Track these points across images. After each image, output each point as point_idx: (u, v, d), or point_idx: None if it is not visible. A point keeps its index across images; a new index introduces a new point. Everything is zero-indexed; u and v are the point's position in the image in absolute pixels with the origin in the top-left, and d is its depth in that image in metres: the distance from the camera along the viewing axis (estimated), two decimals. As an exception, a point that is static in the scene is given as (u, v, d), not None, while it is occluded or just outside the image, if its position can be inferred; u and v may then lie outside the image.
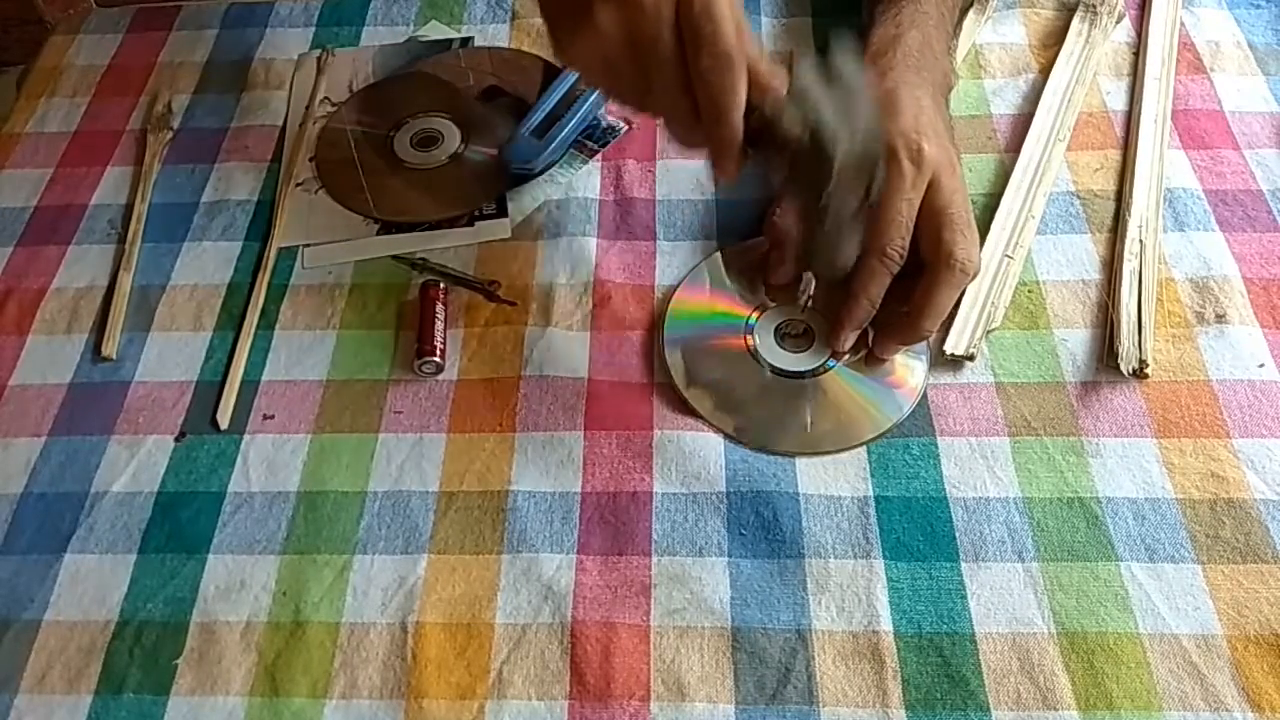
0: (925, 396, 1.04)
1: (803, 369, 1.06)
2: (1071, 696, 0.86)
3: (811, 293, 1.06)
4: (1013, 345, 1.06)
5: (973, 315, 1.07)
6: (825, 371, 1.05)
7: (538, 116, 1.26)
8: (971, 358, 1.05)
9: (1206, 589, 0.90)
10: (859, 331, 1.04)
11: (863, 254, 0.98)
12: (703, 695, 0.87)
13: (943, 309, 0.99)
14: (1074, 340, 1.06)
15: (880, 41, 1.10)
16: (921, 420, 1.02)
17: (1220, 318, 1.06)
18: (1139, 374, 1.01)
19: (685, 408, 1.03)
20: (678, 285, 1.13)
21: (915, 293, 0.99)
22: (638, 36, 0.91)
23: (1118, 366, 1.02)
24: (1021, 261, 1.12)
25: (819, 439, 1.02)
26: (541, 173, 1.25)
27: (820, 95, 0.89)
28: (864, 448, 1.01)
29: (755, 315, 1.09)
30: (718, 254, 1.15)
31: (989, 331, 1.06)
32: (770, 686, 0.87)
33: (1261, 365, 1.03)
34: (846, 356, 1.06)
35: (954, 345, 1.05)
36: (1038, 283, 1.11)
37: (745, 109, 0.92)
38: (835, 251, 0.99)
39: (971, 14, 1.37)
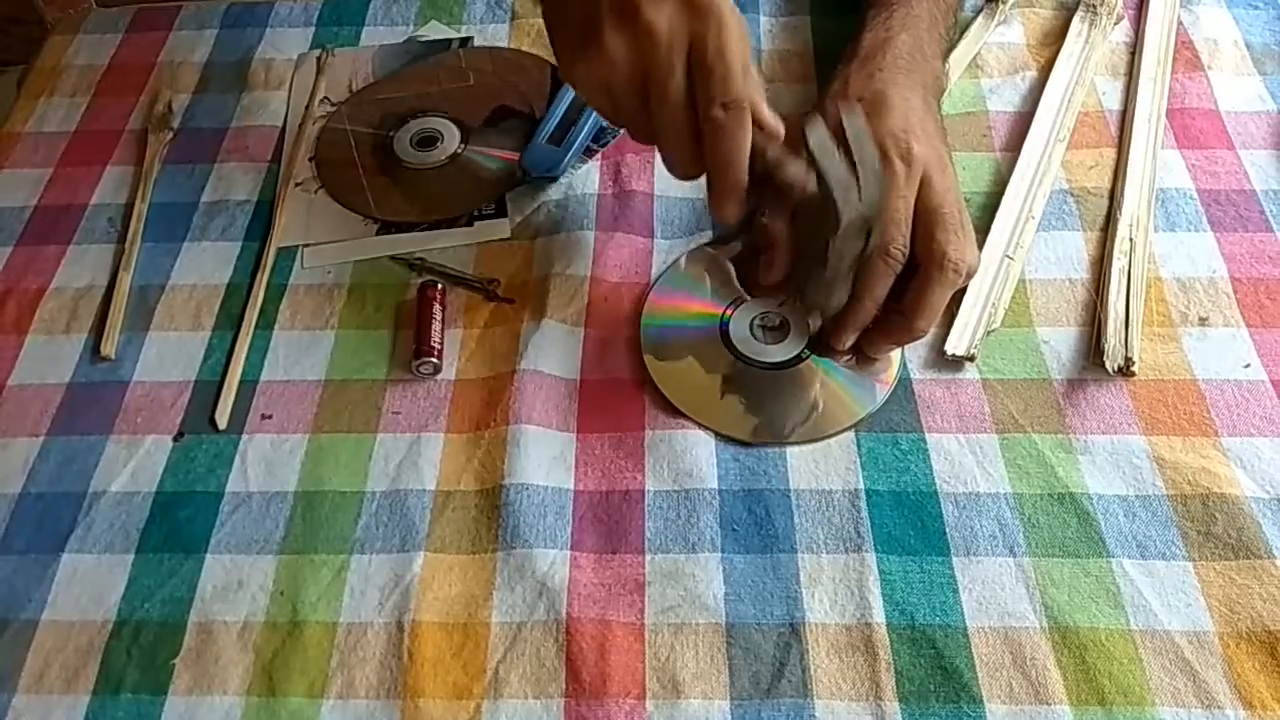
0: (912, 391, 1.04)
1: (779, 360, 1.07)
2: (1064, 691, 0.86)
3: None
4: (998, 343, 1.07)
5: (973, 316, 1.07)
6: (802, 361, 1.06)
7: (551, 123, 1.26)
8: (972, 358, 1.05)
9: (1198, 586, 0.91)
10: (859, 331, 1.03)
11: (863, 256, 0.98)
12: (698, 692, 0.88)
13: (936, 309, 0.99)
14: (1060, 338, 1.07)
15: (870, 45, 1.10)
16: (909, 415, 1.02)
17: (1204, 319, 1.07)
18: (1125, 372, 1.02)
19: (674, 406, 1.04)
20: (652, 286, 1.14)
21: (908, 292, 0.99)
22: (647, 68, 0.93)
23: (1104, 364, 1.03)
24: (1022, 262, 1.12)
25: (800, 428, 1.02)
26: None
27: (832, 152, 0.90)
28: (854, 443, 1.01)
29: (729, 312, 1.10)
30: (684, 256, 1.16)
31: (989, 332, 1.07)
32: (765, 681, 0.88)
33: (1247, 366, 1.04)
34: (846, 357, 1.06)
35: (954, 346, 1.05)
36: (1024, 281, 1.11)
37: (750, 154, 0.94)
38: (831, 294, 1.00)
39: (980, 18, 1.37)
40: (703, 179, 0.99)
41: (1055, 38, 1.35)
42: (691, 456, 1.00)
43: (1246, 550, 0.92)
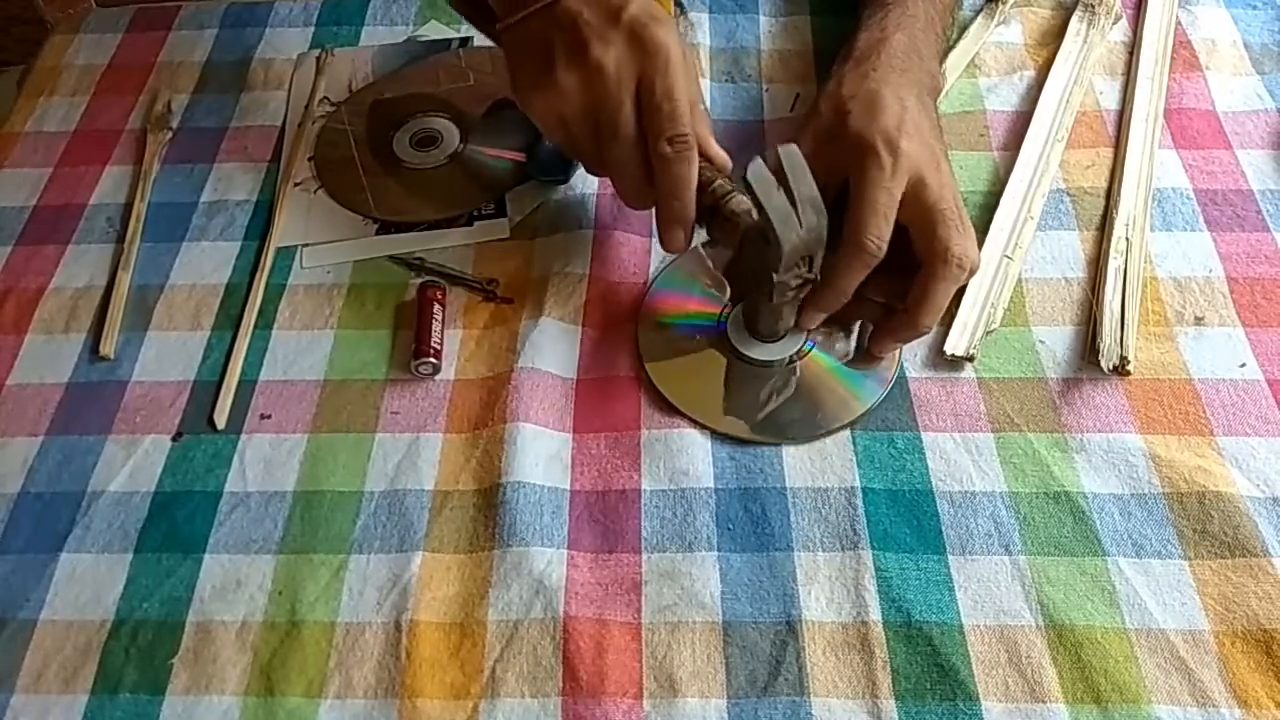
0: (908, 390, 1.04)
1: (776, 358, 1.07)
2: (1059, 689, 0.86)
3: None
4: (994, 342, 1.07)
5: (972, 316, 1.08)
6: (800, 359, 1.06)
7: None
8: (971, 359, 1.05)
9: (1194, 584, 0.91)
10: (825, 315, 1.03)
11: (840, 245, 0.97)
12: (695, 690, 0.88)
13: (940, 306, 0.99)
14: (1055, 337, 1.07)
15: (866, 45, 1.10)
16: (905, 414, 1.03)
17: (1200, 319, 1.07)
18: (1120, 371, 1.02)
19: (671, 405, 1.04)
20: (650, 285, 1.14)
21: (912, 290, 0.99)
22: (598, 105, 0.98)
23: (1099, 363, 1.03)
24: (1020, 262, 1.12)
25: (799, 425, 1.03)
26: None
27: (771, 184, 0.91)
28: (850, 441, 1.01)
29: (726, 311, 1.10)
30: (682, 255, 1.15)
31: (989, 332, 1.07)
32: (761, 679, 0.88)
33: (1243, 365, 1.04)
34: (840, 347, 1.07)
35: (954, 346, 1.06)
36: (1020, 280, 1.12)
37: (698, 186, 0.99)
38: (779, 321, 1.02)
39: (979, 18, 1.38)
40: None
41: (1053, 37, 1.36)
42: (688, 455, 1.00)
43: (1242, 549, 0.92)
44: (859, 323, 1.07)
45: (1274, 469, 0.97)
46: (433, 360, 1.07)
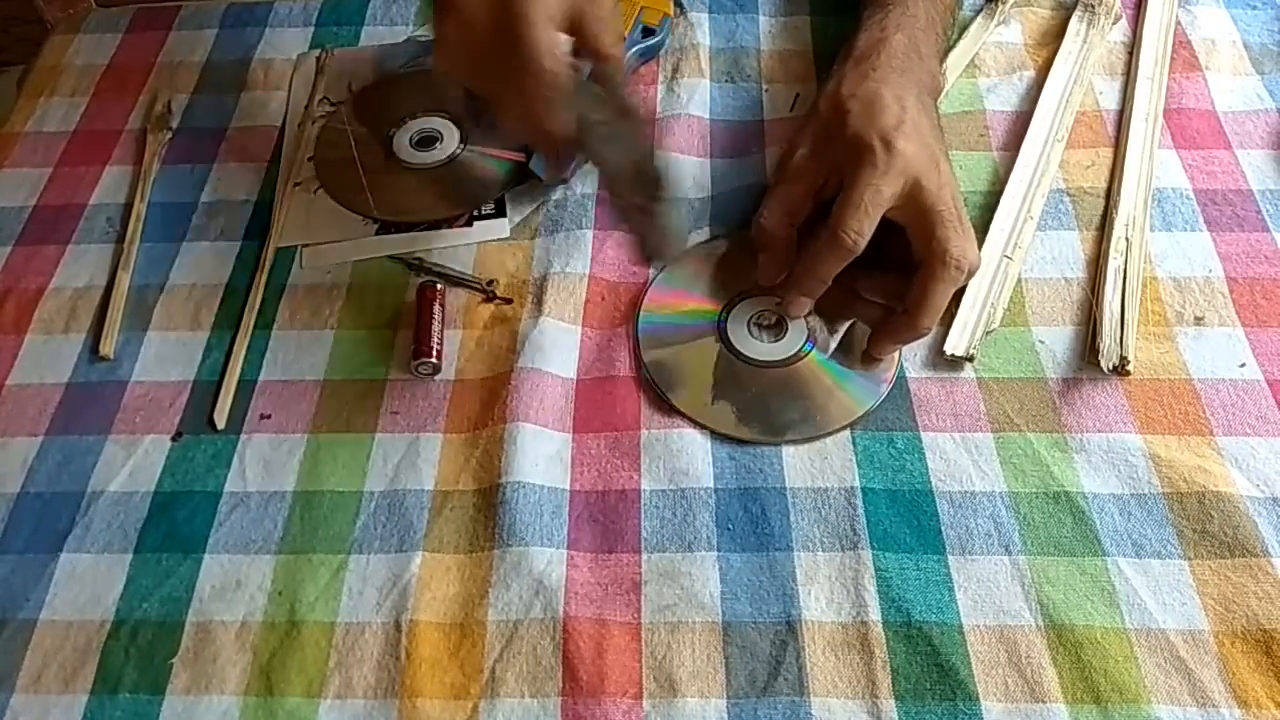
0: (907, 390, 1.04)
1: (776, 358, 1.07)
2: (1059, 689, 0.86)
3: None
4: (993, 342, 1.07)
5: (972, 316, 1.07)
6: (801, 359, 1.06)
7: None
8: (971, 359, 1.05)
9: (1193, 584, 0.91)
10: (809, 301, 1.04)
11: (820, 235, 0.99)
12: (694, 690, 0.88)
13: (939, 307, 0.99)
14: (1055, 337, 1.07)
15: (865, 45, 1.10)
16: (905, 414, 1.03)
17: (1200, 318, 1.07)
18: (1120, 371, 1.02)
19: (670, 405, 1.04)
20: (649, 285, 1.14)
21: (911, 291, 0.99)
22: (470, 49, 0.98)
23: (1099, 363, 1.03)
24: (1020, 262, 1.12)
25: (799, 425, 1.02)
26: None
27: (591, 117, 0.96)
28: (850, 441, 1.01)
29: (726, 310, 1.10)
30: (682, 257, 1.16)
31: (988, 332, 1.07)
32: (761, 679, 0.88)
33: (1243, 365, 1.04)
34: (821, 339, 1.07)
35: (954, 346, 1.06)
36: (1020, 280, 1.11)
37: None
38: (663, 241, 1.05)
39: (979, 18, 1.37)
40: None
41: (1053, 37, 1.35)
42: (687, 455, 1.00)
43: (1242, 549, 0.92)
44: (848, 321, 1.08)
45: (1274, 469, 0.97)
46: (433, 360, 1.07)
